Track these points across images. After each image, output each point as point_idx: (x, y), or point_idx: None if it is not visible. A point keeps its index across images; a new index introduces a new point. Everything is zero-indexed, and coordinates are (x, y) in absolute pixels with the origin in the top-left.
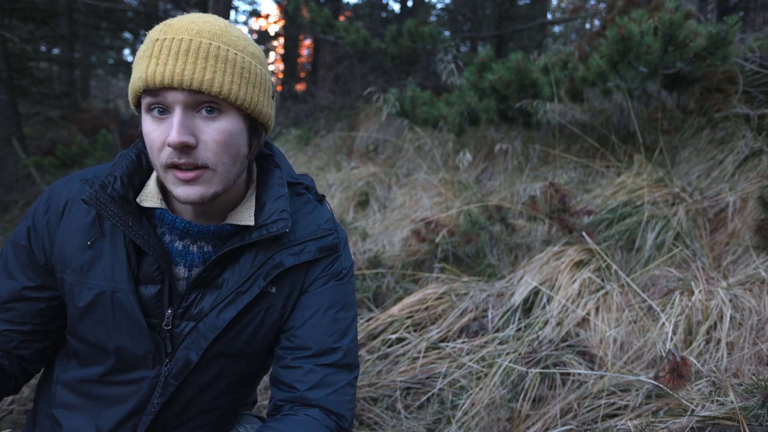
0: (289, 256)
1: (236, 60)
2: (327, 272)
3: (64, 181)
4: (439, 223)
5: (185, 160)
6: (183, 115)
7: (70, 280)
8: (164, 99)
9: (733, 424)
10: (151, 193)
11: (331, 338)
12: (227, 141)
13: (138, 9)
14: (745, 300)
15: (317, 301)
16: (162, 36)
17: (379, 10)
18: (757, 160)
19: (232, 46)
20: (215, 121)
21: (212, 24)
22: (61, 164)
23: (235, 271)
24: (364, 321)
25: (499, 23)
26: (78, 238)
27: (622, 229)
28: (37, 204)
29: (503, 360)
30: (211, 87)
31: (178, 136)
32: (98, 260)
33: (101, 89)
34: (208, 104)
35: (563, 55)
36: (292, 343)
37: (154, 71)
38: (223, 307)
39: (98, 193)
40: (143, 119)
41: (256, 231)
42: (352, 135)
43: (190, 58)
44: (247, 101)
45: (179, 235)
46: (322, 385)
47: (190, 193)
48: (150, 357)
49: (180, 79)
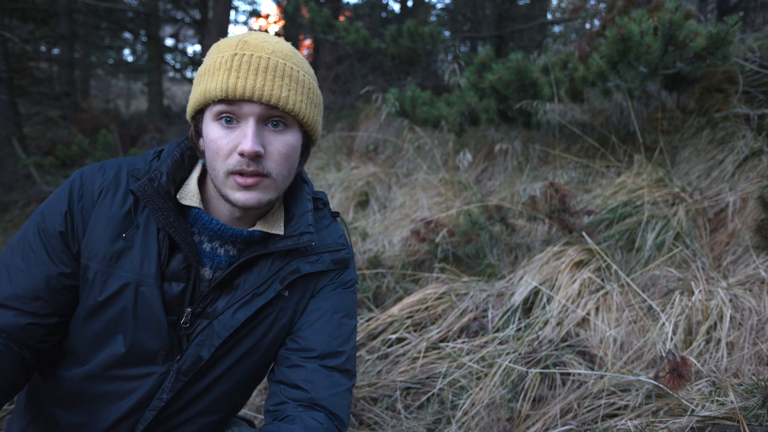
0: (306, 264)
1: (304, 81)
2: (336, 280)
3: (96, 168)
4: (439, 223)
5: (253, 168)
6: (256, 126)
7: (95, 268)
8: (239, 110)
9: (733, 424)
10: (191, 192)
11: (336, 342)
12: (289, 154)
13: (138, 9)
14: (745, 300)
15: (324, 304)
16: (240, 51)
17: (379, 10)
18: (757, 160)
19: (300, 67)
20: (282, 135)
21: (282, 45)
22: (61, 164)
23: (252, 274)
24: (364, 321)
25: (499, 23)
26: (112, 227)
27: (622, 229)
28: (70, 189)
29: (503, 360)
30: (286, 104)
31: (253, 145)
32: (128, 251)
33: (101, 89)
34: (277, 118)
35: (563, 55)
36: (298, 345)
37: (235, 83)
38: (239, 307)
39: (146, 185)
40: (209, 126)
41: (282, 241)
42: (352, 135)
43: (269, 75)
44: (310, 119)
45: (210, 237)
46: (326, 385)
47: (249, 198)
48: (163, 353)
49: (260, 93)
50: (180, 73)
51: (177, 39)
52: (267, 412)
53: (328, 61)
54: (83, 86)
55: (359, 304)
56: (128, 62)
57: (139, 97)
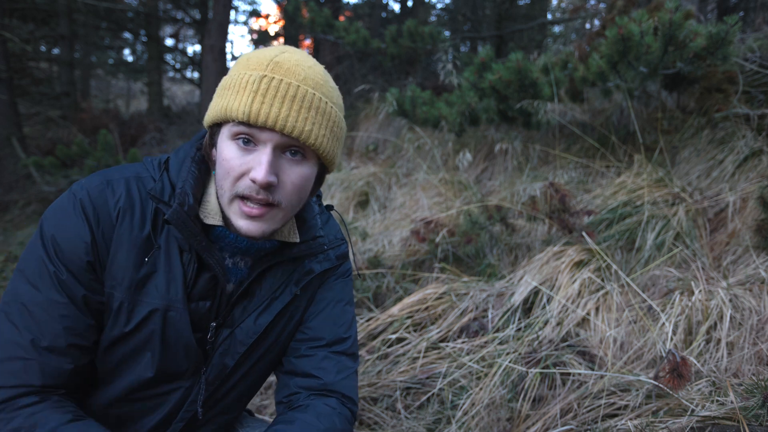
0: (316, 263)
1: (331, 114)
2: (336, 272)
3: (103, 185)
4: (439, 223)
5: (262, 196)
6: (273, 154)
7: (120, 297)
8: (258, 135)
9: (733, 424)
10: (213, 210)
11: (341, 328)
12: (303, 185)
13: (138, 9)
14: (745, 300)
15: (328, 295)
16: (270, 74)
17: (379, 10)
18: (757, 160)
19: (330, 98)
20: (298, 165)
21: (315, 71)
22: (61, 164)
23: (267, 280)
24: (364, 321)
25: (499, 23)
26: (135, 253)
27: (622, 229)
28: (84, 213)
29: (503, 360)
30: (308, 137)
31: (266, 176)
32: (152, 276)
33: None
34: (296, 148)
35: (563, 55)
36: (306, 335)
37: (259, 109)
38: (260, 313)
39: (179, 212)
40: (225, 143)
41: (298, 246)
42: (352, 135)
43: (295, 106)
44: (330, 154)
45: (231, 252)
46: (337, 369)
47: (251, 228)
48: (191, 370)
49: (283, 124)
50: (180, 73)
51: (177, 39)
52: (279, 403)
53: (328, 61)
54: (83, 86)
55: (359, 304)
56: (128, 62)
57: (139, 97)
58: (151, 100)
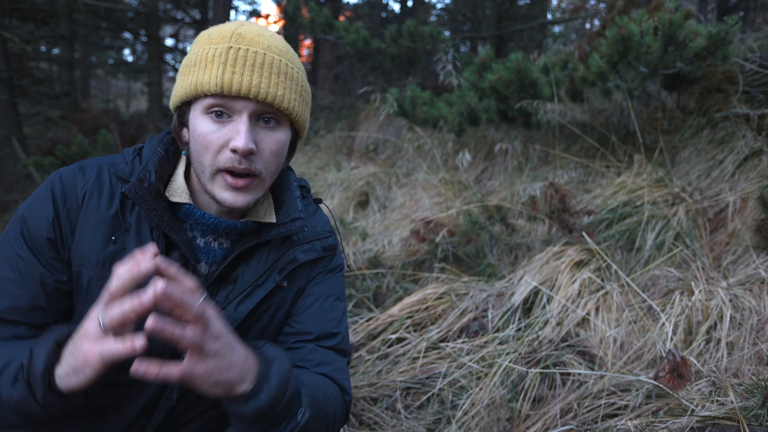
0: (301, 252)
1: (298, 78)
2: (326, 267)
3: (75, 170)
4: (439, 223)
5: (245, 166)
6: (249, 123)
7: (89, 274)
8: (232, 105)
9: (733, 424)
10: (179, 188)
11: (331, 324)
12: (280, 151)
13: (138, 9)
14: (745, 300)
15: (317, 290)
16: (236, 45)
17: (379, 10)
18: (757, 160)
19: (294, 63)
20: (273, 132)
21: (276, 39)
22: (61, 164)
23: (250, 266)
24: (364, 321)
25: (499, 23)
26: (101, 231)
27: (622, 229)
28: (52, 193)
29: (503, 360)
30: (281, 102)
31: (247, 142)
32: (121, 254)
33: (101, 89)
34: (269, 115)
35: (563, 55)
36: (294, 329)
37: (231, 79)
38: (241, 300)
39: (136, 186)
40: (199, 119)
41: (276, 228)
42: (352, 135)
43: (265, 72)
44: (301, 117)
45: (203, 231)
46: (325, 363)
47: (237, 199)
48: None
49: (256, 90)
50: None
51: (177, 39)
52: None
53: (328, 61)
54: (83, 86)
55: (359, 304)
56: (128, 62)
57: (139, 97)
58: (151, 100)
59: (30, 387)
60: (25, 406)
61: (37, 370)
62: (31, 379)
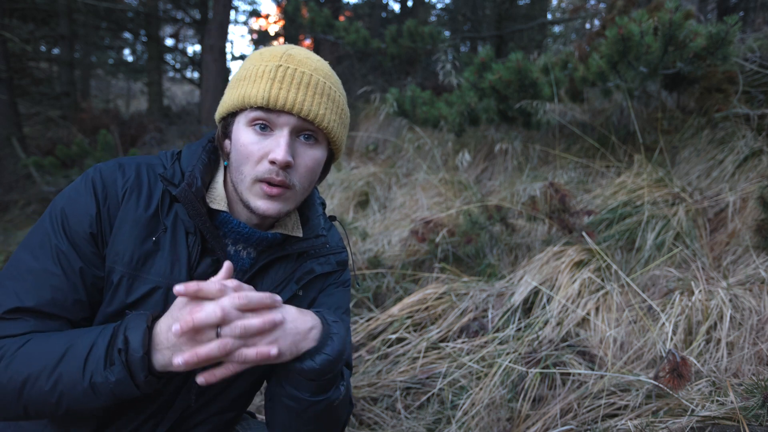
0: (318, 265)
1: (339, 101)
2: (338, 280)
3: (115, 167)
4: (439, 223)
5: (281, 178)
6: (289, 137)
7: (121, 271)
8: (275, 119)
9: (733, 424)
10: (219, 196)
11: None
12: (314, 168)
13: (138, 9)
14: (745, 300)
15: (327, 300)
16: (285, 64)
17: (379, 10)
18: (757, 160)
19: (337, 88)
20: (311, 149)
21: (323, 64)
22: (61, 164)
23: (269, 276)
24: (364, 321)
25: (499, 23)
26: (137, 230)
27: (622, 229)
28: (94, 189)
29: (503, 360)
30: (321, 120)
31: (285, 155)
32: (155, 255)
33: (101, 89)
34: (309, 132)
35: (563, 55)
36: None
37: (277, 94)
38: None
39: (186, 190)
40: (242, 130)
41: (299, 243)
42: (352, 135)
43: (310, 91)
44: (339, 138)
45: (234, 240)
46: None
47: (270, 207)
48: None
49: (300, 107)
50: (180, 73)
51: (177, 39)
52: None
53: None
54: (83, 86)
55: (359, 304)
56: (128, 62)
57: (139, 97)
58: (151, 100)
59: (129, 370)
60: (122, 388)
61: (137, 354)
62: (130, 363)
